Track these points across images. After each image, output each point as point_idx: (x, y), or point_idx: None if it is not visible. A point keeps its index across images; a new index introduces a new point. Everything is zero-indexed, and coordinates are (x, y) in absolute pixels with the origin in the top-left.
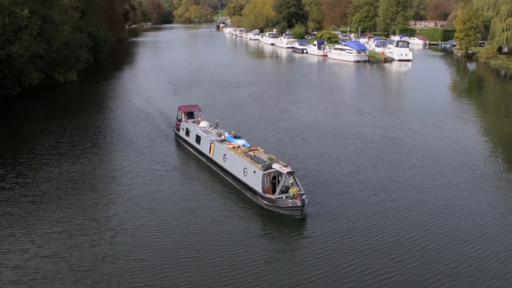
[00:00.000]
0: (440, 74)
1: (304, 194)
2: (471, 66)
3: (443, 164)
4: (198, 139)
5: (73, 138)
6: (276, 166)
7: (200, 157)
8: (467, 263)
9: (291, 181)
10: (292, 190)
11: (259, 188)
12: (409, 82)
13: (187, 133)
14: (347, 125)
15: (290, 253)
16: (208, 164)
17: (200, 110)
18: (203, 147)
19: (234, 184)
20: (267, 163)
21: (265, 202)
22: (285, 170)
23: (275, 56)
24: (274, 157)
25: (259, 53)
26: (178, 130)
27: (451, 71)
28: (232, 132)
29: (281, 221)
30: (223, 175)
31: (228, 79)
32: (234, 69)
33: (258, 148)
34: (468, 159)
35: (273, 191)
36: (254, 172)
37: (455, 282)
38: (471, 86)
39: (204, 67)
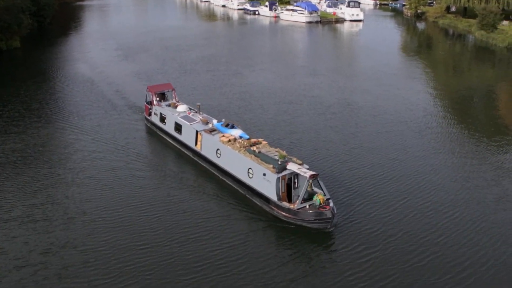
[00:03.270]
0: (391, 34)
1: (330, 199)
2: (421, 25)
3: (405, 128)
4: (178, 127)
5: (17, 111)
6: (292, 167)
7: (181, 148)
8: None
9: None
10: (318, 198)
11: (273, 196)
12: (362, 43)
13: (162, 119)
14: (304, 88)
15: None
16: (194, 158)
17: (173, 89)
18: (186, 137)
19: (233, 185)
20: (279, 162)
21: (283, 213)
22: (306, 172)
23: (226, 18)
24: (285, 152)
25: (210, 16)
26: (150, 115)
27: (401, 31)
28: (224, 120)
29: (305, 235)
30: (216, 173)
31: (179, 42)
32: (185, 33)
33: (260, 139)
34: (429, 121)
35: (288, 196)
36: (264, 174)
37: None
38: (421, 45)
39: (153, 31)
